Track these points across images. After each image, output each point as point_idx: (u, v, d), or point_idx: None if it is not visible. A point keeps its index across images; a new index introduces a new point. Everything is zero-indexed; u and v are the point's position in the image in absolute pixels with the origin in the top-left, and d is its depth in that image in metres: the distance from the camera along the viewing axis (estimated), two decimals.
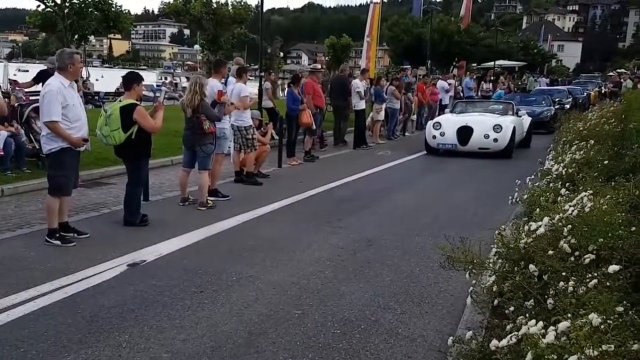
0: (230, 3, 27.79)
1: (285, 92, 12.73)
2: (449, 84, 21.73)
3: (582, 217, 3.89)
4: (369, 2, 31.79)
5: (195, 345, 3.71)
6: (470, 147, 12.65)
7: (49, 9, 21.24)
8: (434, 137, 13.03)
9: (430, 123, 13.68)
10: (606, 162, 6.64)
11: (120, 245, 5.76)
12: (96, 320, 4.06)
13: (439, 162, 12.42)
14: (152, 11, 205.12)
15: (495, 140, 12.48)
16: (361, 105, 14.39)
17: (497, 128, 12.52)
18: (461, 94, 22.95)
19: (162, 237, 6.09)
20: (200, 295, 4.57)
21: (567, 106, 20.78)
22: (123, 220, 6.56)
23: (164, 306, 4.33)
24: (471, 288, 3.88)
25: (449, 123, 13.15)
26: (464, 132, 12.70)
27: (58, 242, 5.76)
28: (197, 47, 47.33)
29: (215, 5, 26.70)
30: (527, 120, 14.88)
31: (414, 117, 18.60)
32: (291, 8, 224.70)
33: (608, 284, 2.98)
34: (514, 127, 12.88)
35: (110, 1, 22.23)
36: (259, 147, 9.55)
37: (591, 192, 4.50)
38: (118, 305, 4.32)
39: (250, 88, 9.80)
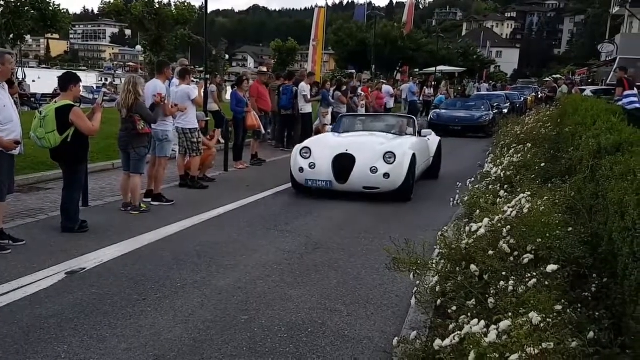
0: (173, 3, 27.40)
1: (229, 94, 12.59)
2: (397, 89, 22.09)
3: (520, 218, 4.03)
4: (314, 6, 31.91)
5: (138, 355, 3.62)
6: (351, 185, 8.58)
7: None
8: (301, 169, 8.79)
9: (297, 148, 9.23)
10: (543, 164, 6.90)
11: (58, 253, 5.57)
12: (33, 330, 3.91)
13: None
14: (92, 10, 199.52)
15: (386, 175, 8.46)
16: (307, 108, 14.46)
17: (389, 157, 8.55)
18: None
19: (103, 243, 5.92)
20: (143, 302, 4.46)
21: (505, 111, 21.46)
22: (61, 227, 6.35)
23: (104, 315, 4.20)
24: (415, 289, 3.95)
25: (324, 150, 8.96)
26: (343, 163, 8.62)
27: None
28: (138, 48, 46.20)
29: (157, 6, 26.25)
30: (434, 141, 10.91)
31: None
32: (236, 10, 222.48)
33: (547, 283, 3.09)
34: (414, 155, 8.86)
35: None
36: (205, 151, 9.43)
37: (529, 194, 4.67)
38: (56, 315, 4.17)
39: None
